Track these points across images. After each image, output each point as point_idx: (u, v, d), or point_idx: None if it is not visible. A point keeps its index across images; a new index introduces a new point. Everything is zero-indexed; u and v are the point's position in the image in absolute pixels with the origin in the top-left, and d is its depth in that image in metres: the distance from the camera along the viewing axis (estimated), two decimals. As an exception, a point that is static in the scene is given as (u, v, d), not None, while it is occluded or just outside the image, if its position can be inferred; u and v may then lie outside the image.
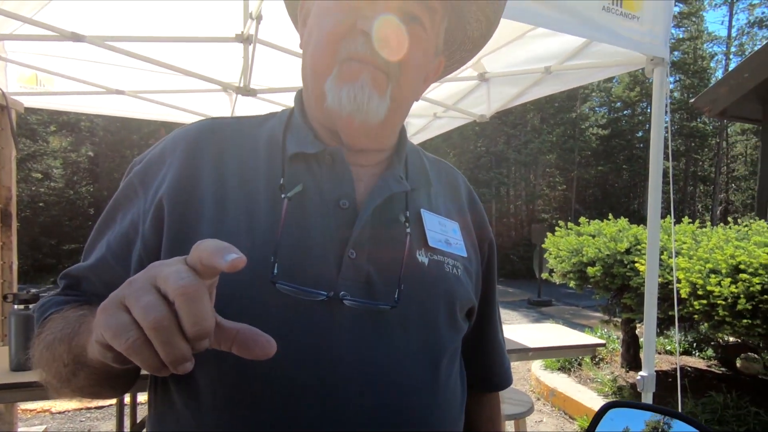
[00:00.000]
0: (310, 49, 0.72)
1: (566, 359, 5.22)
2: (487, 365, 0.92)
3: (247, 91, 2.49)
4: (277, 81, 3.17)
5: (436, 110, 3.55)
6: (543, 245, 5.60)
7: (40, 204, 14.70)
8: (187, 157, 0.70)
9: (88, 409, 3.94)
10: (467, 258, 0.79)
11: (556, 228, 5.48)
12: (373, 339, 0.65)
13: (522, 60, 2.85)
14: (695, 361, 5.53)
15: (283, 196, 0.66)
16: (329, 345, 0.62)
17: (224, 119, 0.78)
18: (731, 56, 24.98)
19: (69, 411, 3.89)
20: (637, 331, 5.11)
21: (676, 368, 5.15)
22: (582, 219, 5.36)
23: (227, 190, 0.68)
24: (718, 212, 23.06)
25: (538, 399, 4.74)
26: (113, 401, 3.73)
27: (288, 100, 3.27)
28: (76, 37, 2.15)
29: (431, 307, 0.71)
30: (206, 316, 0.39)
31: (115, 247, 0.69)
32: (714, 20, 45.55)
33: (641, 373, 2.36)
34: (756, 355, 4.85)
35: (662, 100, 2.28)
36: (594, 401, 4.26)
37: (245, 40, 2.32)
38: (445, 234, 0.77)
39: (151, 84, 3.30)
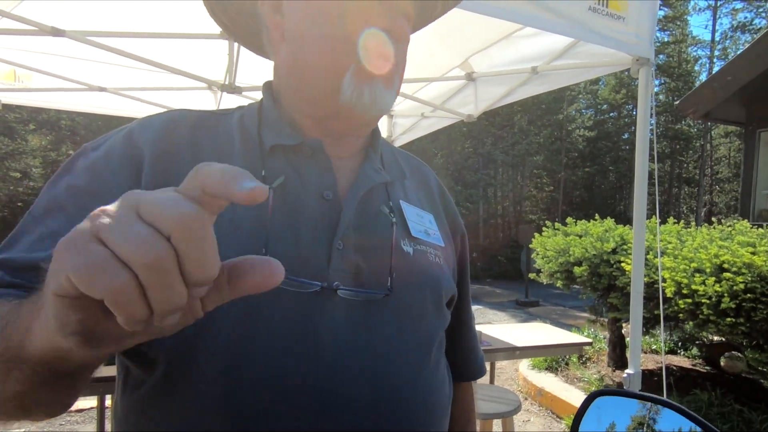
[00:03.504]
0: (312, 43, 0.69)
1: (553, 359, 5.24)
2: (464, 354, 0.94)
3: (232, 89, 2.45)
4: (262, 78, 3.11)
5: (424, 110, 3.54)
6: (530, 245, 5.63)
7: (19, 204, 14.32)
8: (161, 143, 0.67)
9: (69, 412, 3.87)
10: (444, 248, 0.81)
11: (543, 228, 5.50)
12: (368, 328, 0.65)
13: (509, 60, 2.85)
14: (680, 360, 5.58)
15: (267, 187, 0.65)
16: (325, 336, 0.62)
17: (190, 110, 0.75)
18: (715, 60, 25.31)
19: (49, 415, 3.82)
20: (623, 331, 5.14)
21: (661, 367, 5.21)
22: (569, 219, 5.38)
23: None
24: (703, 213, 23.34)
25: (526, 398, 4.75)
26: (94, 403, 3.67)
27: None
28: (56, 32, 2.10)
29: (420, 296, 0.72)
30: (213, 256, 0.32)
31: None
32: (698, 24, 46.39)
33: (627, 371, 2.37)
34: (740, 354, 4.91)
35: (647, 100, 2.29)
36: (581, 400, 4.27)
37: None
38: (423, 225, 0.79)
39: (133, 81, 3.24)
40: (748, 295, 3.31)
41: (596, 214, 5.35)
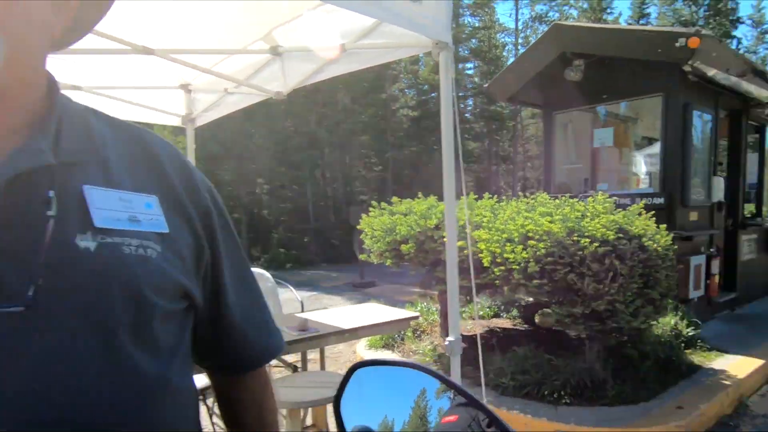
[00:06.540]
0: None
1: (389, 336, 5.38)
2: (234, 344, 0.85)
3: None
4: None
5: (227, 85, 3.28)
6: (358, 227, 5.66)
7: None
8: None
9: None
10: (169, 234, 0.69)
11: (370, 208, 5.56)
12: (8, 351, 0.55)
13: (317, 36, 2.73)
14: (504, 322, 6.14)
15: None
16: None
17: None
18: (519, 47, 28.25)
19: None
20: (451, 301, 5.45)
21: (488, 330, 5.68)
22: (395, 198, 5.50)
23: None
24: (519, 188, 26.11)
25: (366, 378, 4.80)
26: None
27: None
28: None
29: (103, 299, 0.61)
30: None
31: None
32: (504, 12, 51.09)
33: (449, 338, 2.48)
34: (549, 310, 5.51)
35: (449, 82, 2.35)
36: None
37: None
38: (129, 210, 0.67)
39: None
40: (549, 258, 3.67)
41: (419, 193, 5.54)
